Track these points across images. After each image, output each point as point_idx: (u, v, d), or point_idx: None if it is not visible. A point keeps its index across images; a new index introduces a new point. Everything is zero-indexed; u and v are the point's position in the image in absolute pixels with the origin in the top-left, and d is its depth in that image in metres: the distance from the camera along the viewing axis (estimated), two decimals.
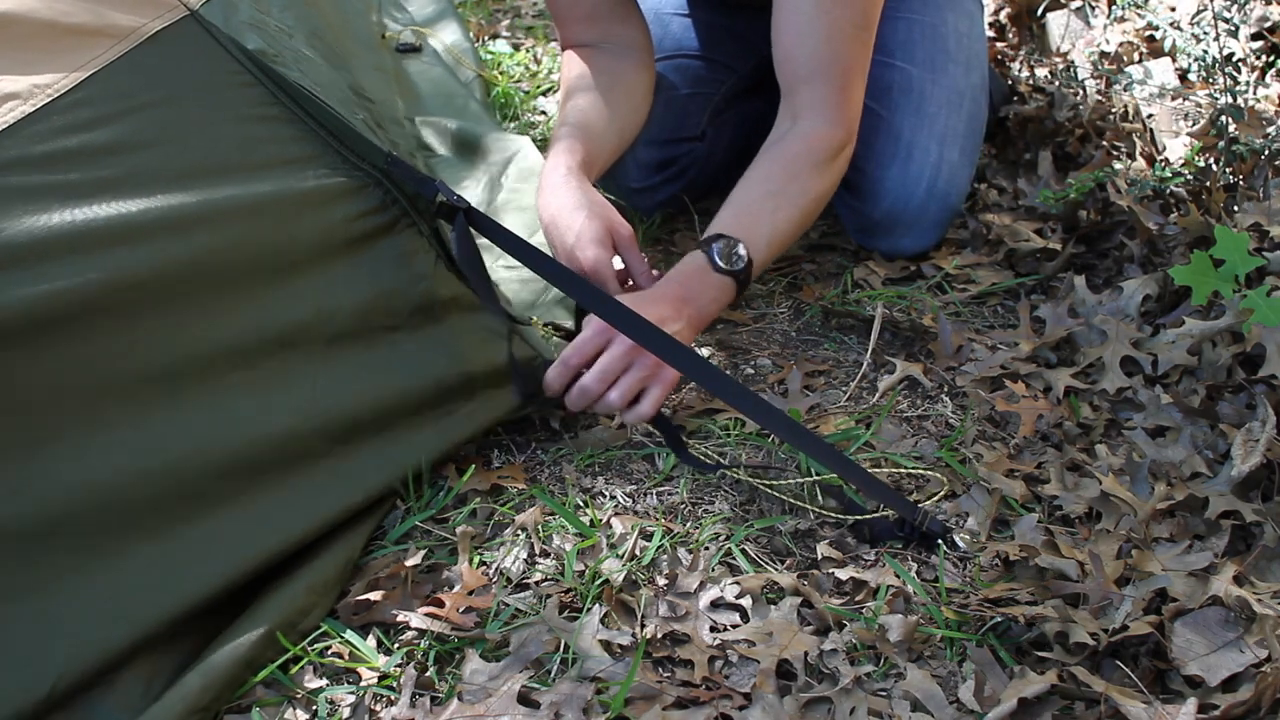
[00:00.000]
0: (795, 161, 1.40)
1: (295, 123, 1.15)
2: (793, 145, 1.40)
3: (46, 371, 0.94)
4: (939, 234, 1.63)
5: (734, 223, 1.34)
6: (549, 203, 1.38)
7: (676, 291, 1.29)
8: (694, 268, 1.32)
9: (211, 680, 0.95)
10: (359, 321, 1.16)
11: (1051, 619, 0.99)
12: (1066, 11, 2.17)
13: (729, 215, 1.36)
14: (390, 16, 2.28)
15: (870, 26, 1.42)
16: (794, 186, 1.38)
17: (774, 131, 1.44)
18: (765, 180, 1.39)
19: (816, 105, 1.41)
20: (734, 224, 1.34)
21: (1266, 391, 1.21)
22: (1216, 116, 1.58)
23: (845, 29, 1.39)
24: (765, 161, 1.40)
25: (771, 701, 0.95)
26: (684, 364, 1.19)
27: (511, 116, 2.18)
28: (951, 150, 1.57)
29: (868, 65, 1.44)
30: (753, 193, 1.38)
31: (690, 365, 1.19)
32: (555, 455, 1.28)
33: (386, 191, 1.18)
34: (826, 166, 1.41)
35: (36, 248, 0.95)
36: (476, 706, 0.95)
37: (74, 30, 1.07)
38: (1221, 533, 1.08)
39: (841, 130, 1.42)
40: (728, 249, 1.31)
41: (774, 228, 1.36)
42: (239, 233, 1.08)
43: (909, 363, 1.41)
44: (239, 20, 1.18)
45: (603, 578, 1.08)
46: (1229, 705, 0.90)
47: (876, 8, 1.41)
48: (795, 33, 1.40)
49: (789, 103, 1.43)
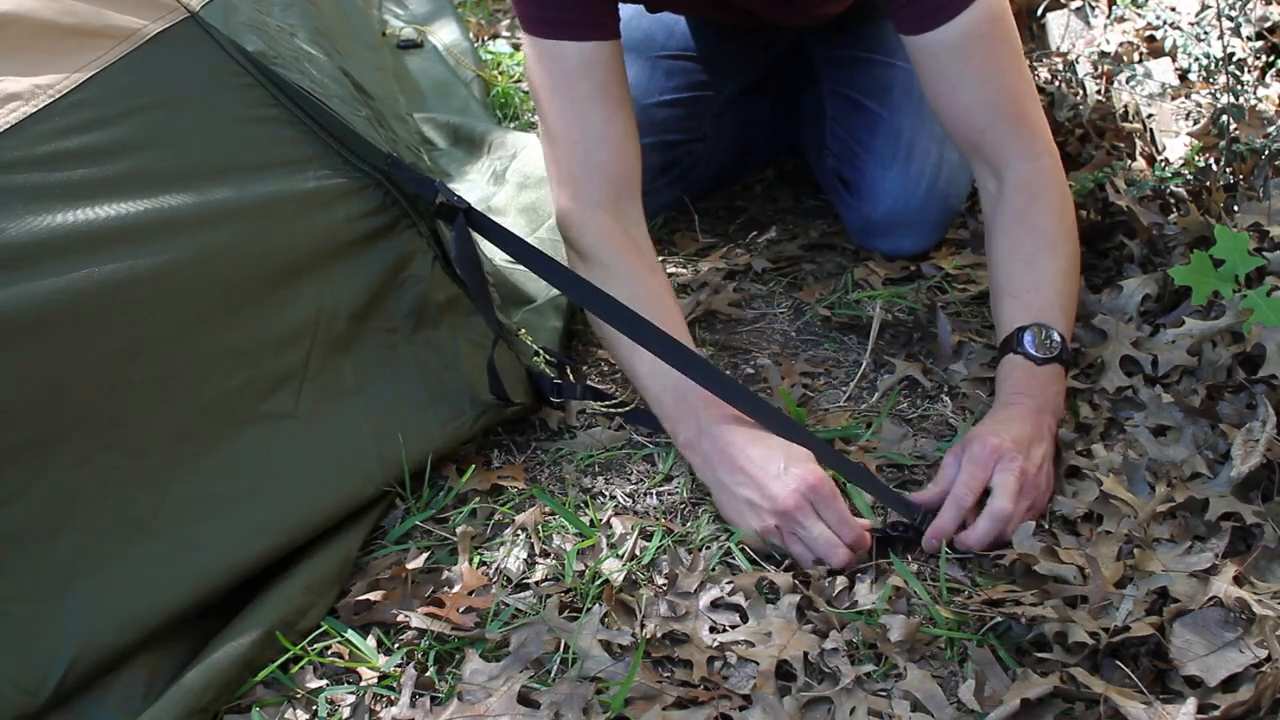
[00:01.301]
0: (1028, 215, 1.30)
1: (295, 124, 1.15)
2: (1015, 202, 1.30)
3: (48, 371, 0.95)
4: (939, 234, 1.63)
5: (1018, 309, 1.25)
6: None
7: (1027, 405, 1.19)
8: (1021, 373, 1.22)
9: (211, 680, 0.95)
10: (358, 322, 1.16)
11: (1051, 619, 0.99)
12: (1066, 11, 2.17)
13: (1008, 305, 1.26)
14: (390, 14, 2.28)
15: (1021, 50, 1.33)
16: (1041, 240, 1.29)
17: (986, 195, 1.35)
18: (1014, 250, 1.29)
19: (1006, 150, 1.31)
20: (1021, 311, 1.25)
21: (1266, 391, 1.21)
22: (1217, 116, 1.58)
23: (1008, 74, 1.30)
24: (1001, 233, 1.31)
25: (771, 701, 0.95)
26: (685, 366, 1.18)
27: (511, 116, 2.18)
28: (952, 151, 1.56)
29: (1033, 86, 1.35)
30: (1013, 270, 1.29)
31: (690, 366, 1.19)
32: (555, 455, 1.28)
33: (386, 192, 1.18)
34: (1052, 196, 1.31)
35: (38, 247, 0.95)
36: (476, 706, 0.95)
37: (75, 31, 1.08)
38: (1222, 533, 1.08)
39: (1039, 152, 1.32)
40: (1037, 337, 1.22)
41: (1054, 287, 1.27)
42: (239, 234, 1.08)
43: (909, 363, 1.41)
44: (239, 21, 1.19)
45: (603, 578, 1.08)
46: (1229, 705, 0.90)
47: (1017, 33, 1.33)
48: (964, 106, 1.31)
49: (980, 160, 1.34)
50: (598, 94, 1.32)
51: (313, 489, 1.09)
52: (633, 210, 1.35)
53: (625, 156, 1.35)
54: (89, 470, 0.96)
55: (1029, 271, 1.28)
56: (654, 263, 1.34)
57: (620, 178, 1.35)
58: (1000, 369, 1.24)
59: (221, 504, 1.03)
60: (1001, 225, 1.31)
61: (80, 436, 0.96)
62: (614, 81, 1.34)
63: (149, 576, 0.97)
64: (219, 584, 1.01)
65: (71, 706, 0.94)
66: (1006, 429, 1.14)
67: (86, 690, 0.94)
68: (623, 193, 1.35)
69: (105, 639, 0.94)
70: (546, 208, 1.62)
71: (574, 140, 1.33)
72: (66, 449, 0.95)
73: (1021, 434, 1.14)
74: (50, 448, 0.94)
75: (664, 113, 1.71)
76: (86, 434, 0.96)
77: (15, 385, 0.93)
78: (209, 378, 1.05)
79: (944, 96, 1.32)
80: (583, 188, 1.34)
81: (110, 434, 0.98)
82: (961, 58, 1.28)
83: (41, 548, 0.93)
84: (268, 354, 1.09)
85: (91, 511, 0.96)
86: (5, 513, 0.92)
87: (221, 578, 1.02)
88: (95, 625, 0.94)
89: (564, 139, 1.34)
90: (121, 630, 0.95)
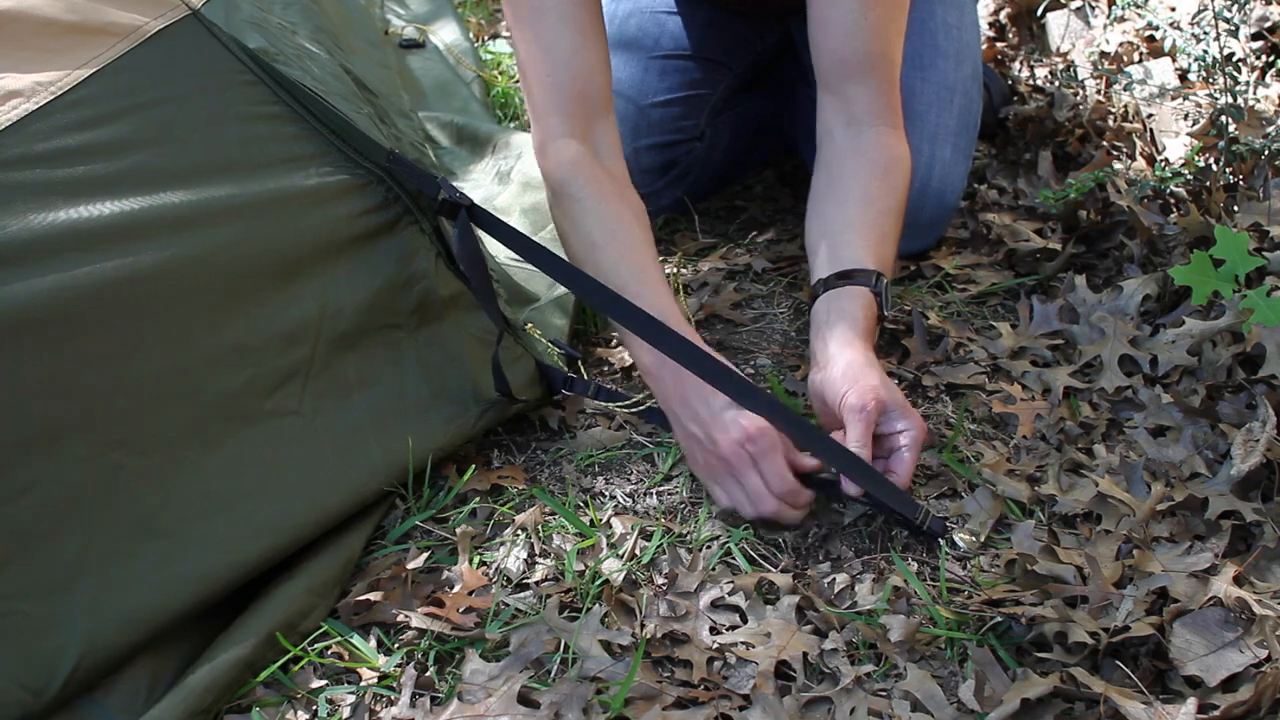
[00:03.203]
0: (890, 174, 1.34)
1: (297, 121, 1.15)
2: (877, 155, 1.35)
3: (51, 369, 0.94)
4: (937, 233, 1.63)
5: (870, 252, 1.28)
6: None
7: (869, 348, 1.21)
8: (869, 313, 1.24)
9: (212, 681, 0.95)
10: (362, 319, 1.16)
11: (1052, 619, 0.99)
12: (1066, 11, 2.17)
13: (859, 241, 1.29)
14: (391, 13, 2.28)
15: (905, 14, 1.38)
16: (894, 201, 1.34)
17: (828, 132, 1.38)
18: (869, 199, 1.33)
19: (878, 110, 1.36)
20: (869, 254, 1.27)
21: (1266, 391, 1.21)
22: (1216, 116, 1.58)
23: (890, 24, 1.35)
24: (860, 174, 1.34)
25: (771, 701, 0.95)
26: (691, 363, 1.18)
27: (512, 116, 2.18)
28: (943, 148, 1.56)
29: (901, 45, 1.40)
30: (868, 213, 1.32)
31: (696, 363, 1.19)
32: (555, 455, 1.28)
33: (389, 189, 1.18)
34: (906, 174, 1.37)
35: (40, 244, 0.95)
36: (476, 706, 0.95)
37: (76, 28, 1.08)
38: (1221, 533, 1.09)
39: (901, 131, 1.38)
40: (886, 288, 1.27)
41: (890, 248, 1.32)
42: (241, 231, 1.08)
43: (909, 363, 1.41)
44: (240, 18, 1.18)
45: (603, 578, 1.08)
46: (1229, 705, 0.90)
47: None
48: (842, 31, 1.34)
49: (841, 102, 1.37)
50: (566, 26, 1.33)
51: (317, 487, 1.09)
52: (605, 136, 1.36)
53: (594, 85, 1.35)
54: (93, 469, 0.96)
55: (878, 219, 1.32)
56: (625, 190, 1.34)
57: (590, 105, 1.35)
58: (847, 301, 1.24)
59: (226, 502, 1.03)
60: (858, 165, 1.34)
61: (83, 435, 0.96)
62: (584, 13, 1.34)
63: (154, 575, 0.97)
64: (224, 582, 1.01)
65: (74, 707, 0.94)
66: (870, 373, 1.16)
67: (89, 691, 0.94)
68: (594, 119, 1.35)
69: (110, 638, 0.94)
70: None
71: (544, 74, 1.34)
72: (70, 447, 0.95)
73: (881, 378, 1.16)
74: (53, 446, 0.94)
75: (660, 113, 1.71)
76: (90, 432, 0.96)
77: (17, 383, 0.93)
78: (212, 375, 1.05)
79: (833, 32, 1.34)
80: (554, 120, 1.34)
81: (114, 432, 0.97)
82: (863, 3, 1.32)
83: (45, 546, 0.93)
84: (271, 351, 1.09)
85: (95, 510, 0.96)
86: (8, 511, 0.92)
87: (226, 576, 1.01)
88: (100, 624, 0.94)
89: (533, 73, 1.35)
90: (127, 629, 0.95)
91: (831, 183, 1.35)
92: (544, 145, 1.35)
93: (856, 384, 1.14)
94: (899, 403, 1.16)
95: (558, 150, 1.33)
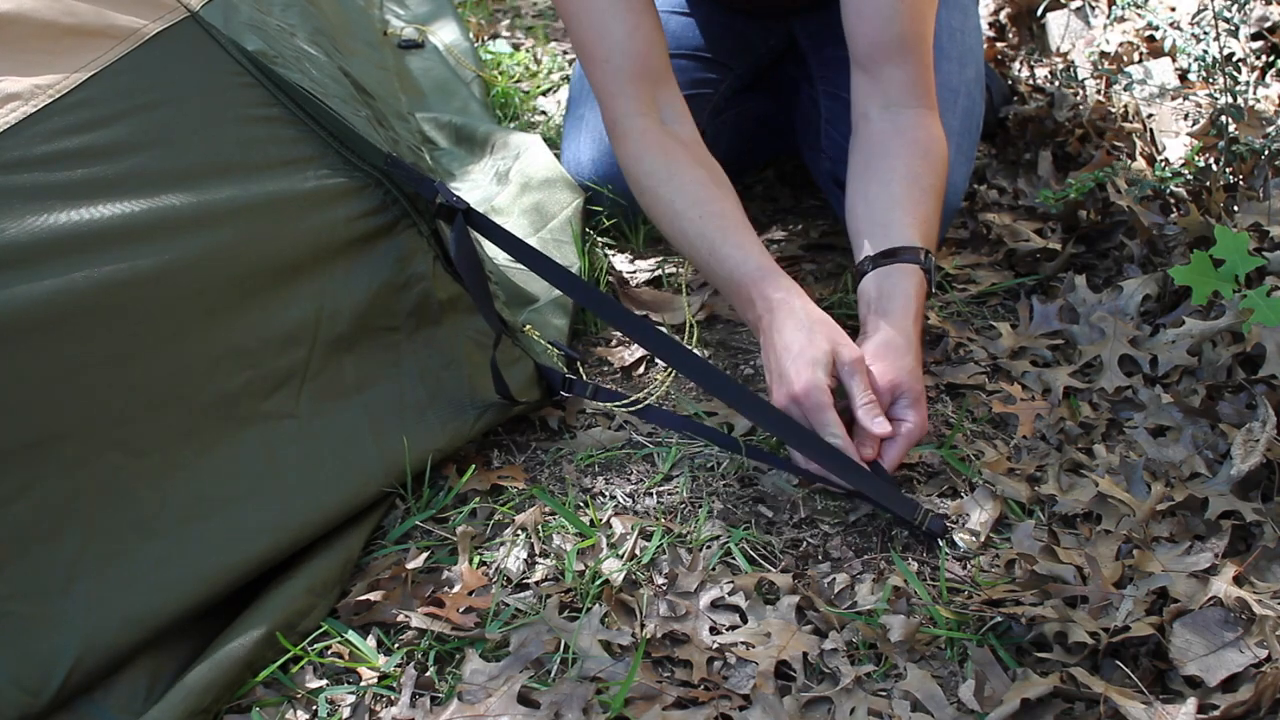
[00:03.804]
0: (930, 154, 1.36)
1: (295, 124, 1.15)
2: (917, 135, 1.36)
3: (49, 371, 0.94)
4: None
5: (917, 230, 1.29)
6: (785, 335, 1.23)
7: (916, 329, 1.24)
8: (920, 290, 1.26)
9: (212, 681, 0.95)
10: (359, 321, 1.16)
11: (1052, 619, 0.99)
12: (1066, 11, 2.17)
13: (906, 219, 1.30)
14: (391, 13, 2.28)
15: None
16: (936, 180, 1.36)
17: (864, 114, 1.39)
18: (913, 177, 1.34)
19: (916, 92, 1.37)
20: (917, 232, 1.29)
21: (1266, 391, 1.21)
22: (1216, 116, 1.58)
23: (924, 5, 1.36)
24: (902, 154, 1.35)
25: (771, 701, 0.95)
26: (684, 365, 1.19)
27: (512, 116, 2.18)
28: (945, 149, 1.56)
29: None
30: (913, 191, 1.33)
31: (688, 366, 1.20)
32: (555, 455, 1.28)
33: (387, 192, 1.18)
34: (945, 156, 1.39)
35: (38, 247, 0.95)
36: (476, 706, 0.95)
37: (75, 31, 1.08)
38: (1221, 533, 1.09)
39: (936, 114, 1.40)
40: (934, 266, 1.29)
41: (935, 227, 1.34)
42: (239, 233, 1.08)
43: None
44: (239, 21, 1.19)
45: (603, 578, 1.08)
46: (1229, 705, 0.90)
47: None
48: (879, 16, 1.35)
49: (877, 84, 1.38)
50: (616, 6, 1.37)
51: (314, 489, 1.09)
52: (671, 103, 1.41)
53: (653, 58, 1.39)
54: (90, 470, 0.96)
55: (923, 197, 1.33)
56: (698, 152, 1.39)
57: (651, 78, 1.39)
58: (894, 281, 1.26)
59: (223, 504, 1.03)
60: (900, 145, 1.36)
61: (81, 437, 0.96)
62: None
63: (151, 576, 0.97)
64: (221, 584, 1.01)
65: (73, 707, 0.94)
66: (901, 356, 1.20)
67: (88, 691, 0.94)
68: (657, 89, 1.40)
69: (108, 639, 0.94)
70: (549, 208, 1.62)
71: (602, 60, 1.38)
72: (67, 449, 0.95)
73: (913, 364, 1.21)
74: (51, 448, 0.94)
75: None
76: (87, 434, 0.96)
77: (16, 385, 0.93)
78: (210, 377, 1.05)
79: (870, 17, 1.36)
80: (619, 101, 1.39)
81: (111, 434, 0.98)
82: None
83: (43, 548, 0.93)
84: (268, 354, 1.09)
85: (93, 511, 0.96)
86: (6, 512, 0.92)
87: (223, 578, 1.01)
88: (98, 625, 0.94)
89: (592, 59, 1.39)
90: (124, 630, 0.95)
91: (872, 162, 1.37)
92: (614, 126, 1.40)
93: (887, 359, 1.19)
94: (915, 395, 1.19)
95: (626, 130, 1.38)
